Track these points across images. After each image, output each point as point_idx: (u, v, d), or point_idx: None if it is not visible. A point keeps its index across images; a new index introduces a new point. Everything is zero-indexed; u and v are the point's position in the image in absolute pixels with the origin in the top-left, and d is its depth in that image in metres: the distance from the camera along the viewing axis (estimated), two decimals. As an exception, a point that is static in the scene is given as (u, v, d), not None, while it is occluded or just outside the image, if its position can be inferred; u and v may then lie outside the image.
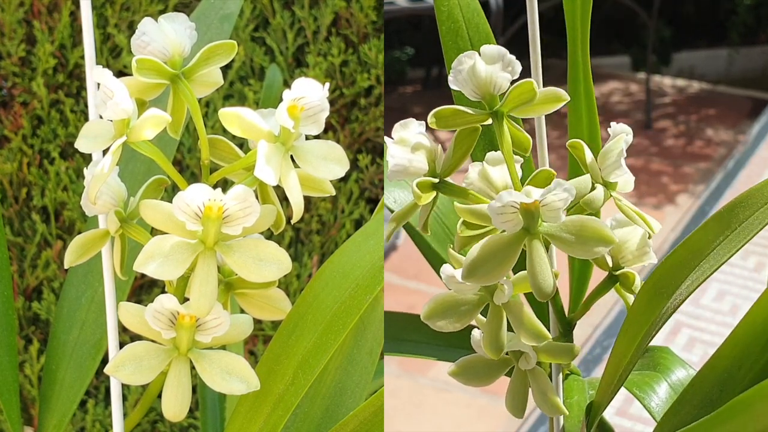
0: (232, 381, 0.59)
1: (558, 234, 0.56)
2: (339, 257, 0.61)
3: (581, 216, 0.57)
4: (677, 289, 0.60)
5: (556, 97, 0.59)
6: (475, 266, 0.56)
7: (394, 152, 0.59)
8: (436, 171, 0.61)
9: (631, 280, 0.65)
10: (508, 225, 0.56)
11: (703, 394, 0.62)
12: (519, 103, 0.59)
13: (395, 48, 3.66)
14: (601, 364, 1.99)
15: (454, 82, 0.59)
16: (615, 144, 0.62)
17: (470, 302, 0.60)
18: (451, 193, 0.61)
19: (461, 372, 0.65)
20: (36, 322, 1.42)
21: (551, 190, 0.54)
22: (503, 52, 0.58)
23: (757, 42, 4.06)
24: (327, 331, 0.59)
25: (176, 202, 0.56)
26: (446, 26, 0.75)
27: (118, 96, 0.57)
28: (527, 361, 0.63)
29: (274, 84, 1.18)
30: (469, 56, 0.58)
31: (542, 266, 0.56)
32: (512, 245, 0.56)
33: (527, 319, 0.59)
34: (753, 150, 3.13)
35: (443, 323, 0.60)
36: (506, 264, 0.56)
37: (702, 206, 2.79)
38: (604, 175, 0.62)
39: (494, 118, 0.59)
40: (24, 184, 1.39)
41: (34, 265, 1.40)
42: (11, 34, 1.37)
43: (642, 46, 3.74)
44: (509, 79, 0.58)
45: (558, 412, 0.64)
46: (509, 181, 0.63)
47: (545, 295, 0.56)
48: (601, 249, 0.56)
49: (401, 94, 3.68)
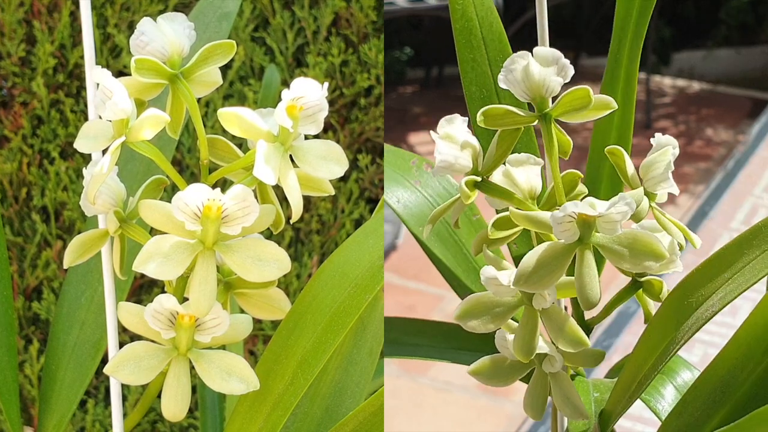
0: (231, 381, 0.59)
1: (610, 246, 0.56)
2: (338, 257, 0.61)
3: (633, 230, 0.57)
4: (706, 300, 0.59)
5: (606, 104, 0.59)
6: (530, 274, 0.56)
7: (441, 148, 0.59)
8: (478, 169, 0.61)
9: (657, 289, 0.65)
10: (566, 234, 0.56)
11: (706, 396, 0.61)
12: (571, 109, 0.59)
13: (395, 48, 3.66)
14: (601, 365, 1.98)
15: (505, 81, 0.58)
16: (661, 156, 0.62)
17: (506, 305, 0.60)
18: (493, 192, 0.61)
19: (482, 371, 0.64)
20: (36, 322, 1.42)
21: (614, 204, 0.55)
22: (558, 55, 0.58)
23: (757, 42, 4.06)
24: (326, 330, 0.59)
25: (175, 202, 0.56)
26: (460, 24, 0.74)
27: (116, 96, 0.57)
28: (552, 364, 0.63)
29: (272, 84, 1.18)
30: (522, 56, 0.58)
31: (592, 277, 0.56)
32: (566, 255, 0.56)
33: (569, 326, 0.59)
34: (753, 150, 3.13)
35: (476, 323, 0.60)
36: (558, 273, 0.56)
37: (702, 206, 2.78)
38: (648, 187, 0.62)
39: (542, 120, 0.59)
40: (24, 184, 1.39)
41: (34, 265, 1.40)
42: (11, 34, 1.37)
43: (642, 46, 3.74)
44: (561, 83, 0.58)
45: (581, 416, 0.63)
46: (534, 183, 0.63)
47: (592, 305, 0.56)
48: (651, 263, 0.56)
49: (401, 94, 3.68)
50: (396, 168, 0.79)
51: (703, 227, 2.67)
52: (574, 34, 3.73)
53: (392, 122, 3.40)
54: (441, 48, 3.66)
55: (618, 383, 0.65)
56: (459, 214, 0.64)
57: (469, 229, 0.78)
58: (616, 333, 2.10)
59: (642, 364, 0.62)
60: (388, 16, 2.98)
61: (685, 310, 0.60)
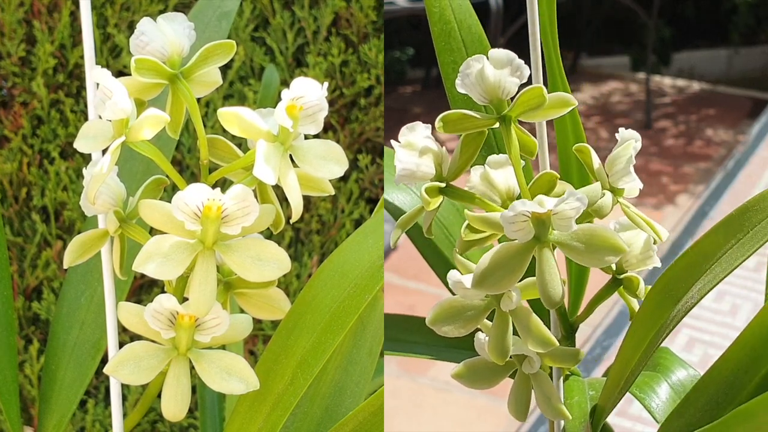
0: (231, 381, 0.59)
1: (568, 242, 0.56)
2: (338, 257, 0.61)
3: (591, 225, 0.57)
4: (686, 292, 0.59)
5: (564, 101, 0.59)
6: (485, 275, 0.56)
7: (401, 156, 0.59)
8: (443, 175, 0.61)
9: (636, 285, 0.65)
10: (520, 234, 0.55)
11: (708, 397, 0.61)
12: (527, 108, 0.59)
13: (395, 48, 3.66)
14: (601, 365, 1.99)
15: (462, 86, 0.58)
16: (624, 150, 0.62)
17: (476, 308, 0.60)
18: (457, 197, 0.61)
19: (465, 374, 0.64)
20: (36, 322, 1.42)
21: (564, 200, 0.54)
22: (512, 56, 0.58)
23: (757, 42, 4.06)
24: (326, 330, 0.59)
25: (175, 201, 0.56)
26: (438, 27, 0.74)
27: (116, 96, 0.57)
28: (531, 365, 0.63)
29: (272, 84, 1.18)
30: (477, 60, 0.58)
31: (552, 275, 0.56)
32: (523, 254, 0.56)
33: (535, 325, 0.59)
34: (753, 150, 3.13)
35: (448, 328, 0.60)
36: (517, 273, 0.56)
37: (702, 206, 2.78)
38: (612, 182, 0.62)
39: (502, 122, 0.59)
40: (24, 184, 1.39)
41: (34, 265, 1.40)
42: (11, 34, 1.37)
43: (642, 46, 3.74)
44: (518, 84, 0.58)
45: (561, 417, 0.63)
46: (512, 184, 0.63)
47: (554, 303, 0.56)
48: (611, 258, 0.56)
49: (401, 94, 3.68)
50: (393, 170, 0.79)
51: (703, 227, 2.67)
52: (574, 34, 3.74)
53: (392, 122, 3.40)
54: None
55: (608, 379, 0.65)
56: (430, 221, 0.63)
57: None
58: (616, 333, 2.10)
59: (629, 358, 0.62)
60: (388, 16, 2.98)
61: (667, 303, 0.60)
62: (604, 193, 0.62)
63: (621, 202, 0.63)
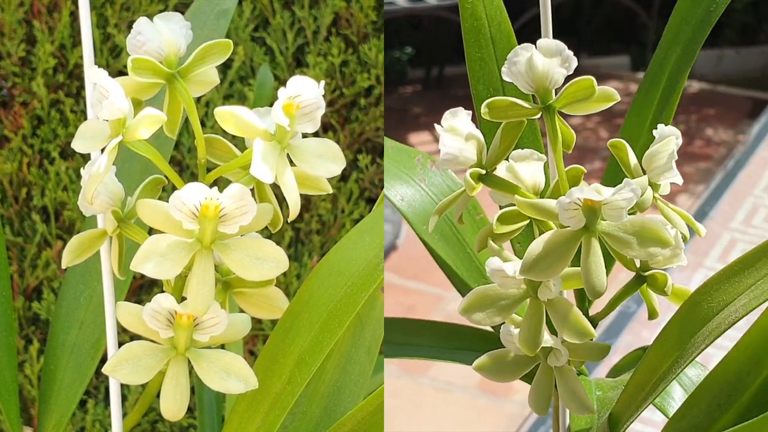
0: (230, 380, 0.59)
1: (616, 233, 0.56)
2: (334, 255, 0.61)
3: (640, 216, 0.57)
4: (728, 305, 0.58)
5: (608, 96, 0.59)
6: (536, 262, 0.56)
7: (446, 141, 0.59)
8: (482, 163, 0.61)
9: (662, 282, 0.64)
10: (572, 221, 0.55)
11: (712, 398, 0.61)
12: (574, 100, 0.59)
13: (395, 48, 3.66)
14: (601, 365, 1.98)
15: (508, 74, 0.58)
16: (665, 146, 0.62)
17: (511, 297, 0.59)
18: (497, 185, 0.61)
19: (488, 366, 0.64)
20: (36, 322, 1.42)
21: (620, 190, 0.54)
22: (562, 46, 0.58)
23: (757, 42, 4.06)
24: (323, 329, 0.59)
25: (173, 201, 0.56)
26: (469, 23, 0.74)
27: (113, 95, 0.57)
28: (557, 357, 0.62)
29: (266, 84, 1.18)
30: (526, 48, 0.58)
31: (598, 264, 0.56)
32: (571, 242, 0.56)
33: (574, 316, 0.59)
34: (753, 150, 3.13)
35: (481, 316, 0.60)
36: (565, 260, 0.56)
37: (702, 206, 2.78)
38: (652, 177, 0.62)
39: (546, 112, 0.59)
40: (24, 184, 1.40)
41: (34, 265, 1.40)
42: (11, 34, 1.37)
43: (642, 46, 3.74)
44: (565, 75, 0.58)
45: (587, 410, 0.63)
46: (537, 179, 0.63)
47: (598, 293, 0.56)
48: (657, 250, 0.56)
49: (401, 94, 3.68)
50: (399, 165, 0.79)
51: (703, 227, 2.67)
52: (574, 34, 3.74)
53: (392, 122, 3.40)
54: (441, 48, 3.66)
55: (629, 385, 0.64)
56: (462, 209, 0.64)
57: (472, 228, 0.78)
58: (616, 333, 2.10)
59: (656, 367, 0.61)
60: (388, 16, 2.98)
61: (705, 314, 0.59)
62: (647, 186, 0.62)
63: (657, 198, 0.63)
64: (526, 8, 3.37)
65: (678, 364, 0.60)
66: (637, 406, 0.63)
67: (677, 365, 0.60)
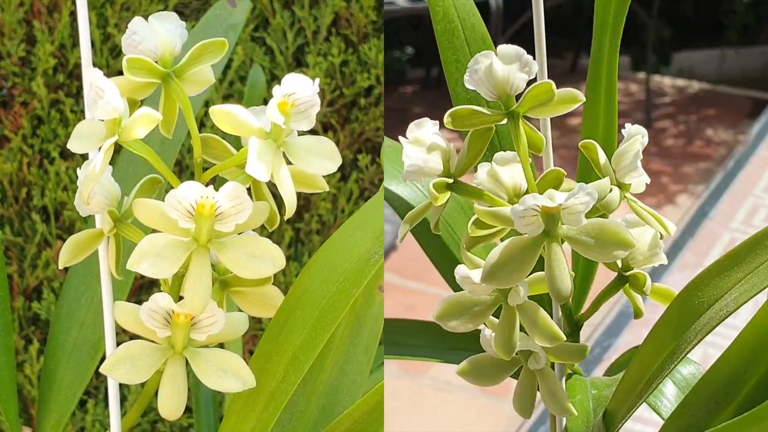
0: (227, 379, 0.59)
1: (577, 237, 0.56)
2: (327, 251, 0.60)
3: (600, 219, 0.57)
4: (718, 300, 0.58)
5: (572, 98, 0.59)
6: (495, 269, 0.56)
7: (409, 152, 0.59)
8: (450, 171, 0.61)
9: (642, 282, 0.65)
10: (530, 228, 0.55)
11: (709, 397, 0.61)
12: (536, 104, 0.59)
13: (395, 48, 3.66)
14: (601, 364, 1.98)
15: (470, 81, 0.58)
16: (630, 145, 0.62)
17: (484, 303, 0.60)
18: (465, 193, 0.61)
19: (469, 371, 0.64)
20: (36, 322, 1.42)
21: (574, 194, 0.54)
22: (521, 52, 0.58)
23: (757, 42, 4.06)
24: (316, 326, 0.59)
25: (168, 200, 0.56)
26: (442, 26, 0.74)
27: (108, 95, 0.57)
28: (537, 361, 0.63)
29: (257, 84, 1.18)
30: (485, 56, 0.58)
31: (561, 269, 0.56)
32: (532, 248, 0.56)
33: (542, 320, 0.59)
34: (753, 150, 3.13)
35: (455, 323, 0.60)
36: (526, 267, 0.56)
37: (702, 206, 2.78)
38: (619, 177, 0.62)
39: (510, 118, 0.59)
40: (24, 184, 1.40)
41: (34, 265, 1.40)
42: (11, 34, 1.38)
43: (642, 46, 3.74)
44: (526, 80, 0.58)
45: (567, 413, 0.63)
46: (518, 181, 0.63)
47: (563, 298, 0.56)
48: (620, 252, 0.56)
49: (401, 94, 3.68)
50: (397, 165, 0.79)
51: (703, 227, 2.67)
52: (573, 34, 3.73)
53: (392, 122, 3.40)
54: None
55: (622, 382, 0.64)
56: (437, 217, 0.63)
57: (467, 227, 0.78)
58: (616, 333, 2.10)
59: (649, 363, 0.61)
60: (388, 16, 2.98)
61: (696, 309, 0.59)
62: (612, 188, 0.62)
63: (628, 198, 0.63)
64: (526, 9, 3.37)
65: (671, 360, 0.60)
66: (632, 403, 0.63)
67: (670, 361, 0.60)
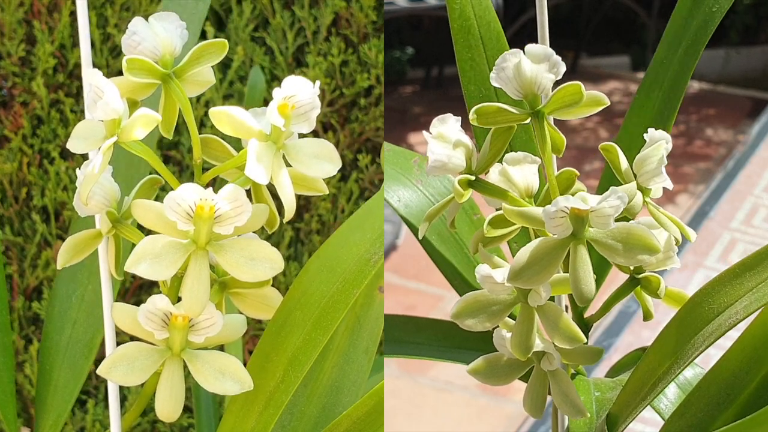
0: (225, 381, 0.59)
1: (604, 240, 0.56)
2: (326, 251, 0.60)
3: (627, 223, 0.56)
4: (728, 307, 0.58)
5: (597, 100, 0.59)
6: (523, 270, 0.56)
7: (434, 148, 0.59)
8: (472, 168, 0.61)
9: (655, 285, 0.64)
10: (559, 229, 0.55)
11: (710, 397, 0.61)
12: (562, 105, 0.59)
13: (395, 48, 3.66)
14: (600, 365, 1.98)
15: (496, 80, 0.58)
16: (654, 151, 0.62)
17: (502, 303, 0.59)
18: (487, 191, 0.61)
19: (482, 370, 0.64)
20: (36, 322, 1.42)
21: (606, 198, 0.54)
22: (550, 52, 0.57)
23: (757, 42, 4.05)
24: (315, 327, 0.59)
25: (167, 201, 0.55)
26: (458, 24, 0.74)
27: (108, 96, 0.56)
28: (550, 362, 0.62)
29: (257, 85, 1.18)
30: (514, 54, 0.58)
31: (586, 271, 0.56)
32: (559, 250, 0.56)
33: (564, 322, 0.59)
34: (753, 150, 3.12)
35: (473, 322, 0.60)
36: (552, 268, 0.56)
37: (702, 206, 2.78)
38: (642, 182, 0.62)
39: (535, 118, 0.59)
40: (24, 184, 1.40)
41: (34, 265, 1.40)
42: (11, 34, 1.38)
43: (642, 46, 3.74)
44: (553, 80, 0.58)
45: (580, 414, 0.63)
46: (530, 182, 0.63)
47: (586, 300, 0.56)
48: (645, 257, 0.56)
49: (401, 94, 3.68)
50: (397, 167, 0.79)
51: (703, 227, 2.67)
52: (574, 34, 3.73)
53: (392, 122, 3.40)
54: (441, 48, 3.66)
55: (627, 385, 0.64)
56: (455, 214, 0.63)
57: (469, 228, 0.78)
58: (617, 333, 2.10)
59: (655, 367, 0.61)
60: (388, 16, 2.98)
61: (706, 315, 0.59)
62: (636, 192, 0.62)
63: (648, 202, 0.63)
64: (526, 9, 3.37)
65: (677, 365, 0.60)
66: (635, 406, 0.63)
67: (676, 366, 0.60)
